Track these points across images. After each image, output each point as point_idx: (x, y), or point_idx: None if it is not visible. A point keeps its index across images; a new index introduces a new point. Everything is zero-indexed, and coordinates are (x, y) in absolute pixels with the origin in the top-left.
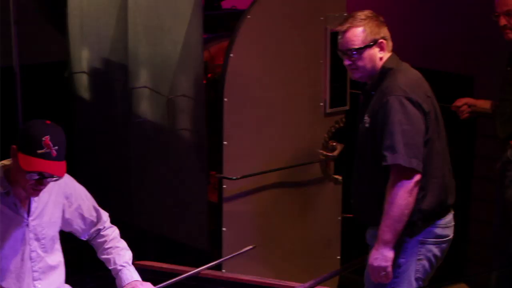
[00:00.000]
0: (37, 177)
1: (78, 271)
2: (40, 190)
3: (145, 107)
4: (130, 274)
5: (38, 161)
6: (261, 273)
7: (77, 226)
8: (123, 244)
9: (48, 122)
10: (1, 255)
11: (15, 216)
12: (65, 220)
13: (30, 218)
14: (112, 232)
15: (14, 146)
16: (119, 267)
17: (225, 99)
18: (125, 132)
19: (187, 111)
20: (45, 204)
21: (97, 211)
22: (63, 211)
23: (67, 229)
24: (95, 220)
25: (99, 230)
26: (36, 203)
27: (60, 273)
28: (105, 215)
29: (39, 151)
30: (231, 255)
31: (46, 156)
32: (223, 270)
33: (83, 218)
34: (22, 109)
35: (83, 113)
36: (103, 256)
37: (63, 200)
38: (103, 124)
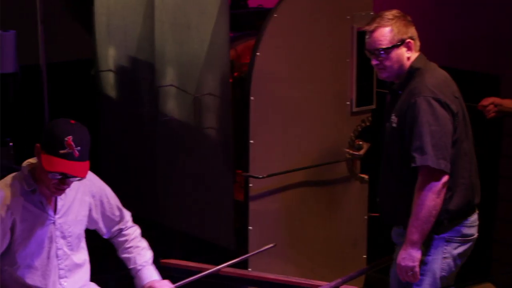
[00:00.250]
0: (59, 177)
1: (101, 270)
2: (63, 190)
3: (172, 106)
4: (149, 274)
5: (60, 161)
6: (287, 271)
7: (102, 225)
8: (144, 244)
9: (72, 121)
10: (27, 252)
11: (41, 214)
12: (91, 219)
13: (57, 216)
14: (133, 232)
15: (38, 145)
16: (139, 267)
17: (252, 98)
18: (151, 131)
19: (213, 109)
20: (72, 202)
21: (120, 210)
22: (90, 210)
23: (92, 227)
24: (118, 219)
25: (121, 229)
26: (63, 201)
27: (85, 271)
28: (127, 215)
29: (62, 151)
30: (251, 254)
31: (68, 157)
32: (249, 269)
33: (107, 217)
34: (48, 107)
35: (109, 111)
36: (124, 255)
37: (89, 199)
38: (129, 123)
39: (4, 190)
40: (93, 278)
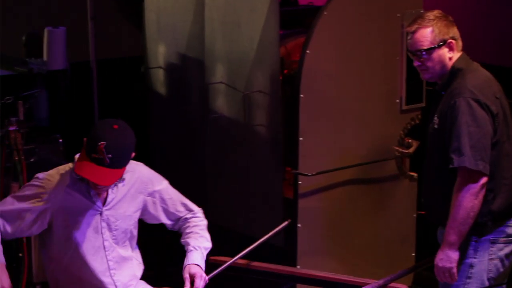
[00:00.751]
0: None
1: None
2: (100, 190)
3: (221, 103)
4: (194, 256)
5: (89, 165)
6: (336, 269)
7: (166, 220)
8: (205, 234)
9: (115, 126)
10: (72, 240)
11: (88, 203)
12: (150, 215)
13: (104, 208)
14: (198, 221)
15: (85, 139)
16: (191, 248)
17: (301, 95)
18: (200, 128)
19: (263, 107)
20: (123, 196)
21: (185, 205)
22: (146, 207)
23: (153, 222)
24: (183, 214)
25: (186, 218)
26: (114, 194)
27: (133, 267)
28: (195, 208)
29: (94, 155)
30: (267, 236)
31: (98, 162)
32: (298, 266)
33: (171, 213)
34: (98, 104)
35: (159, 108)
36: (183, 240)
37: (144, 197)
38: (178, 120)
39: (53, 176)
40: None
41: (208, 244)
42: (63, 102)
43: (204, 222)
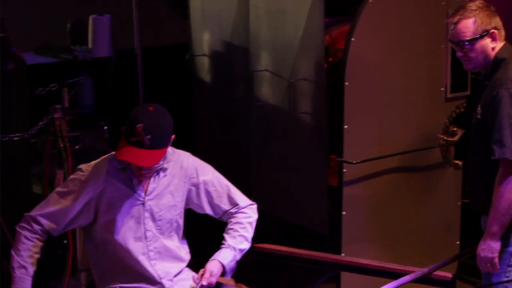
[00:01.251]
0: (124, 164)
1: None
2: (145, 175)
3: (266, 91)
4: (222, 254)
5: (129, 149)
6: (380, 257)
7: (209, 211)
8: (245, 233)
9: (151, 108)
10: (113, 229)
11: (130, 193)
12: (194, 205)
13: (147, 198)
14: (243, 218)
15: (123, 128)
16: (221, 246)
17: (346, 83)
18: (245, 116)
19: (308, 94)
20: (165, 186)
21: (231, 199)
22: (190, 197)
23: (199, 212)
24: (227, 207)
25: (231, 212)
26: (155, 184)
27: (178, 257)
28: (243, 202)
29: (133, 139)
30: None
31: (138, 145)
32: (342, 254)
33: (213, 205)
34: (142, 91)
35: (204, 96)
36: (224, 234)
37: (189, 186)
38: (223, 107)
39: (95, 166)
40: None
41: (245, 245)
42: (108, 89)
43: (248, 219)
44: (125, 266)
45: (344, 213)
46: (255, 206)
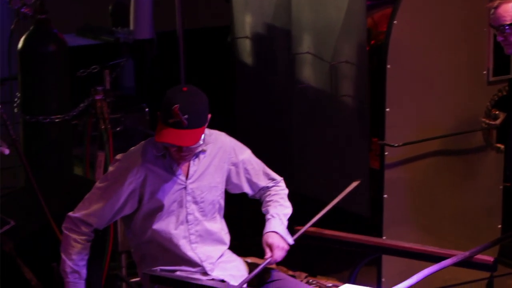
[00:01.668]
0: (167, 146)
1: None
2: (185, 158)
3: (308, 73)
4: (273, 224)
5: (168, 131)
6: (421, 240)
7: (247, 190)
8: (285, 202)
9: (184, 89)
10: (156, 216)
11: (171, 178)
12: (233, 185)
13: (188, 181)
14: (280, 190)
15: (159, 113)
16: (269, 216)
17: (388, 66)
18: (287, 98)
19: (350, 77)
20: (206, 168)
21: (267, 175)
22: (229, 177)
23: (236, 192)
24: (265, 183)
25: (269, 187)
26: (196, 166)
27: (219, 239)
28: (277, 177)
29: (171, 121)
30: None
31: (177, 125)
32: (384, 237)
33: (252, 183)
34: (184, 73)
35: (245, 78)
36: (263, 209)
37: (228, 166)
38: (265, 90)
39: (133, 155)
40: None
41: (288, 211)
42: (149, 71)
43: (285, 191)
44: (166, 250)
45: (385, 196)
46: (283, 180)
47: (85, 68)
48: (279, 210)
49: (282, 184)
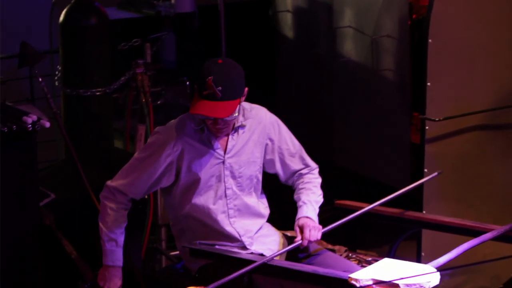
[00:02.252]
0: (201, 118)
1: None
2: (221, 130)
3: (349, 47)
4: (306, 210)
5: (202, 103)
6: (462, 215)
7: (279, 170)
8: (317, 190)
9: (220, 61)
10: (194, 190)
11: (209, 152)
12: (268, 161)
13: (227, 156)
14: (313, 178)
15: (195, 86)
16: (301, 203)
17: (430, 40)
18: (328, 72)
19: (391, 51)
20: (245, 142)
21: (302, 159)
22: (266, 153)
23: (270, 171)
24: (298, 167)
25: (301, 174)
26: (234, 141)
27: (258, 213)
28: (311, 164)
29: (205, 92)
30: (415, 184)
31: (210, 97)
32: (424, 211)
33: (286, 164)
34: (225, 47)
35: (286, 52)
36: (295, 196)
37: (266, 141)
38: (306, 64)
39: (171, 128)
40: None
41: (320, 198)
42: (190, 45)
43: (318, 179)
44: (204, 224)
45: (426, 170)
46: (318, 169)
47: (126, 41)
48: (311, 197)
49: (316, 172)
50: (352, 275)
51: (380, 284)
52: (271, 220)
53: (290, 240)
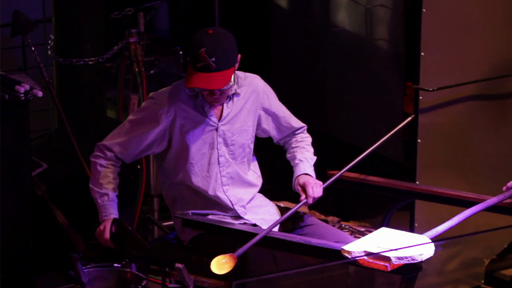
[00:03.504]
0: (198, 90)
1: None
2: (218, 100)
3: (343, 16)
4: (303, 167)
5: (197, 75)
6: (455, 185)
7: (274, 134)
8: (310, 148)
9: (210, 31)
10: (187, 156)
11: (203, 119)
12: (262, 130)
13: (220, 123)
14: (305, 137)
15: (188, 58)
16: (297, 161)
17: (424, 10)
18: (321, 41)
19: (385, 21)
20: (238, 111)
21: (294, 121)
22: (259, 122)
23: (262, 136)
24: (292, 129)
25: (294, 135)
26: (229, 108)
27: (250, 182)
28: (301, 124)
29: (198, 65)
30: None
31: (205, 69)
32: (417, 182)
33: (281, 129)
34: (219, 15)
35: (281, 20)
36: (288, 155)
37: (259, 111)
38: (299, 33)
39: (165, 93)
40: None
41: (314, 157)
42: (184, 14)
43: (309, 138)
44: (197, 192)
45: (419, 141)
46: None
47: (120, 10)
48: (306, 155)
49: (305, 131)
50: (345, 247)
51: (372, 256)
52: (264, 191)
53: (283, 211)
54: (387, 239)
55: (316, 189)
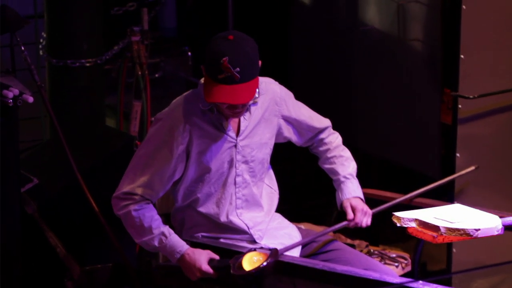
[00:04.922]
0: (211, 105)
1: None
2: (237, 114)
3: (372, 13)
4: (352, 188)
5: (219, 88)
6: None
7: (296, 140)
8: (347, 153)
9: (230, 37)
10: (203, 177)
11: (220, 136)
12: (283, 138)
13: (239, 139)
14: (335, 140)
15: (202, 67)
16: (342, 179)
17: (464, 7)
18: (348, 42)
19: (420, 19)
20: (257, 122)
21: (319, 121)
22: (281, 131)
23: (282, 141)
24: (317, 131)
25: (322, 138)
26: (247, 121)
27: (267, 203)
28: (327, 122)
29: (220, 76)
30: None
31: (228, 81)
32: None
33: (302, 134)
34: (232, 14)
35: (301, 18)
36: (326, 166)
37: (278, 120)
38: (323, 32)
39: (176, 111)
40: None
41: (355, 165)
42: (193, 10)
43: (339, 138)
44: (208, 216)
45: (458, 155)
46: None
47: (121, 5)
48: (349, 169)
49: (331, 128)
50: (396, 213)
51: (422, 225)
52: (282, 211)
53: (305, 234)
54: (451, 213)
55: (365, 218)
